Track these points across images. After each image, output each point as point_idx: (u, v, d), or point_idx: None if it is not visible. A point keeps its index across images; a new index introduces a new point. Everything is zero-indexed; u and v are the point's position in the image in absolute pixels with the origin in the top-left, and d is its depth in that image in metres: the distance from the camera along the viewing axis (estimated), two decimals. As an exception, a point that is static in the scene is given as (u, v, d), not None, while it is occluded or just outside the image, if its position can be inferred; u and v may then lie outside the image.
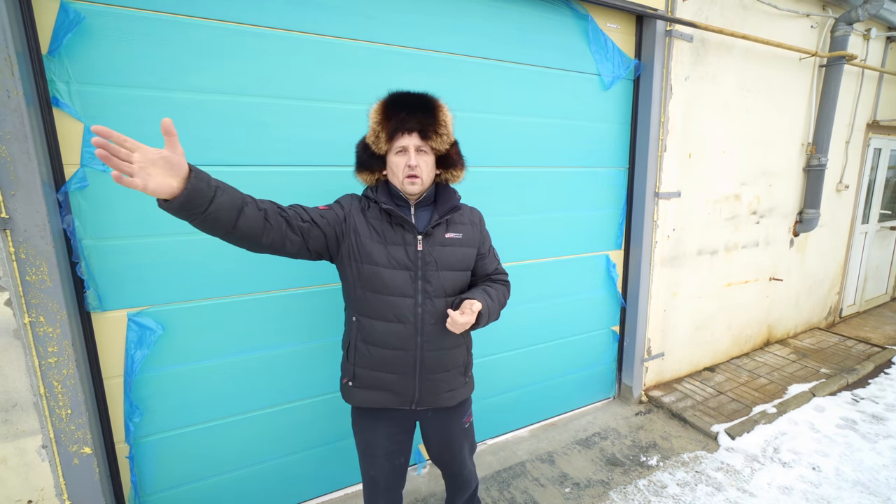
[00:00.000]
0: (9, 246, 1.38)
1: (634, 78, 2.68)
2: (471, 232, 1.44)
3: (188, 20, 1.59)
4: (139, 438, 1.75)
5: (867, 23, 3.73)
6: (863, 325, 4.47)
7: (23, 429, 1.48)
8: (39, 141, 1.42)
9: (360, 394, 1.41)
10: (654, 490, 2.22)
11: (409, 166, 1.29)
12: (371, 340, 1.35)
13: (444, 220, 1.38)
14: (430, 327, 1.35)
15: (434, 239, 1.36)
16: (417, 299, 1.33)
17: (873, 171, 4.46)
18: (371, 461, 1.47)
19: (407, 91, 1.34)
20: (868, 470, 2.34)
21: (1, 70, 1.31)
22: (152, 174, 0.93)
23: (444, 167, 1.41)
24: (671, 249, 2.98)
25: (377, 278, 1.31)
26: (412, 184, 1.31)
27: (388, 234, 1.33)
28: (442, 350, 1.39)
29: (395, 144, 1.31)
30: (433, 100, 1.34)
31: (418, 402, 1.41)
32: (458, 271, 1.40)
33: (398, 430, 1.47)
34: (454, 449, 1.56)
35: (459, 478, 1.66)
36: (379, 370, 1.37)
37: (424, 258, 1.33)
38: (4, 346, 1.42)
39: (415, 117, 1.29)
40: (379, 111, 1.31)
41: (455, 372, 1.45)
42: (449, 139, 1.36)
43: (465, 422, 1.56)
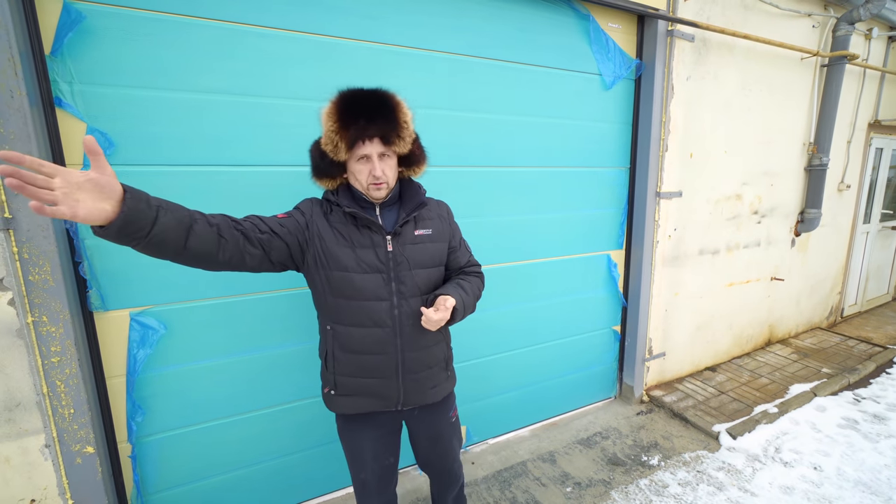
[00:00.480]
0: (12, 246, 1.39)
1: (636, 78, 2.68)
2: (440, 226, 1.40)
3: (191, 20, 1.59)
4: (141, 438, 1.75)
5: (869, 22, 3.72)
6: (864, 325, 4.46)
7: (26, 428, 1.49)
8: (42, 141, 1.42)
9: (343, 401, 1.38)
10: (655, 490, 2.22)
11: (374, 176, 1.24)
12: (349, 348, 1.31)
13: (411, 218, 1.34)
14: (409, 328, 1.32)
15: (403, 238, 1.32)
16: (393, 301, 1.30)
17: (875, 171, 4.45)
18: (360, 465, 1.45)
19: (360, 89, 1.23)
20: (870, 470, 2.34)
21: (4, 70, 1.31)
22: (80, 200, 0.82)
23: (407, 165, 1.36)
24: (672, 249, 2.98)
25: (348, 284, 1.27)
26: (377, 190, 1.27)
27: (354, 237, 1.28)
28: (422, 349, 1.37)
29: (355, 152, 1.24)
30: (390, 98, 1.24)
31: (404, 403, 1.39)
32: (431, 268, 1.37)
33: (385, 431, 1.45)
34: (443, 444, 1.54)
35: (449, 474, 1.61)
36: (360, 376, 1.33)
37: (396, 258, 1.30)
38: (8, 345, 1.43)
39: (375, 124, 1.21)
40: (333, 117, 1.21)
41: (437, 368, 1.43)
42: (411, 139, 1.30)
43: (451, 416, 1.55)
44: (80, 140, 1.50)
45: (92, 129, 1.51)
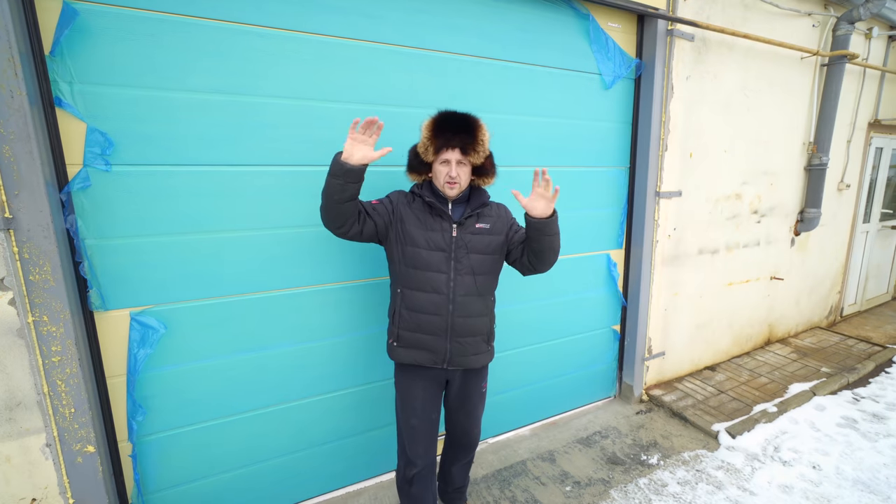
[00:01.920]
0: (12, 246, 1.39)
1: (636, 77, 2.68)
2: (497, 223, 1.71)
3: (190, 20, 1.59)
4: (142, 437, 1.75)
5: (869, 22, 3.72)
6: (864, 325, 4.47)
7: (27, 427, 1.49)
8: (42, 141, 1.42)
9: (402, 352, 1.69)
10: (654, 489, 2.23)
11: (449, 175, 1.58)
12: (412, 307, 1.64)
13: (475, 214, 1.66)
14: (461, 297, 1.64)
15: (466, 228, 1.65)
16: (450, 275, 1.62)
17: (875, 171, 4.45)
18: (411, 411, 1.72)
19: (454, 112, 1.60)
20: (868, 469, 2.35)
21: (4, 70, 1.31)
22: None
23: (478, 175, 1.69)
24: (672, 249, 2.98)
25: (417, 257, 1.61)
26: (451, 188, 1.61)
27: (428, 222, 1.63)
28: (469, 317, 1.66)
29: (440, 156, 1.59)
30: (475, 121, 1.60)
31: (449, 362, 1.67)
32: (485, 255, 1.67)
33: (432, 385, 1.73)
34: (469, 406, 1.81)
35: (468, 436, 1.87)
36: (418, 332, 1.65)
37: (457, 242, 1.63)
38: (8, 345, 1.43)
39: (458, 136, 1.56)
40: (429, 128, 1.59)
41: (479, 338, 1.71)
42: (485, 154, 1.63)
43: (482, 386, 1.83)
44: (80, 139, 1.51)
45: (92, 129, 1.51)
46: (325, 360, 2.05)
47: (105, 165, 1.54)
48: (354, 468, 2.23)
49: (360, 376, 2.15)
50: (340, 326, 2.05)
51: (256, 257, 1.84)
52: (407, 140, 1.95)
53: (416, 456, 1.73)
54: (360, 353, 2.12)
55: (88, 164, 1.52)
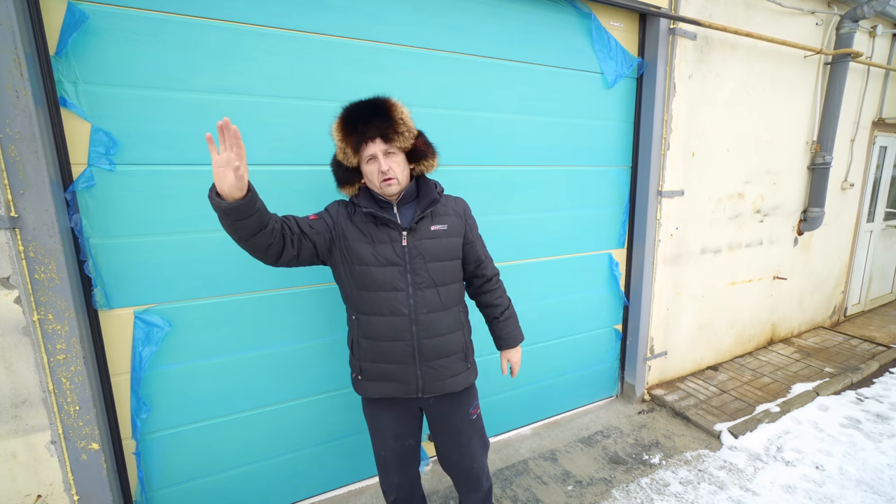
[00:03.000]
0: (18, 244, 1.40)
1: (638, 76, 2.67)
2: (456, 222, 1.50)
3: (193, 20, 1.60)
4: (146, 434, 1.77)
5: (873, 20, 3.70)
6: (868, 324, 4.45)
7: (32, 425, 1.51)
8: (48, 140, 1.43)
9: (368, 386, 1.49)
10: (656, 488, 2.23)
11: (381, 171, 1.35)
12: (370, 335, 1.43)
13: (427, 214, 1.43)
14: (424, 316, 1.42)
15: (419, 233, 1.42)
16: (409, 291, 1.40)
17: (879, 170, 4.43)
18: (381, 442, 1.56)
19: (358, 101, 1.38)
20: (872, 469, 2.34)
21: (10, 71, 1.32)
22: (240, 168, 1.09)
23: (416, 160, 1.44)
24: (674, 248, 2.98)
25: (368, 276, 1.39)
26: (388, 185, 1.37)
27: (374, 234, 1.40)
28: (437, 337, 1.45)
29: (363, 155, 1.36)
30: (384, 101, 1.37)
31: (423, 390, 1.47)
32: (446, 261, 1.46)
33: (405, 414, 1.54)
34: (462, 441, 1.57)
35: (468, 476, 1.61)
36: (381, 362, 1.45)
37: (411, 252, 1.40)
38: (14, 343, 1.44)
39: (372, 125, 1.33)
40: (339, 129, 1.38)
41: (455, 357, 1.50)
42: (412, 134, 1.39)
43: (471, 412, 1.58)
44: (85, 139, 1.52)
45: (96, 129, 1.52)
46: (327, 358, 2.05)
47: (109, 165, 1.55)
48: (356, 467, 2.23)
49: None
50: (341, 325, 2.06)
51: (259, 256, 1.85)
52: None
53: (391, 487, 1.59)
54: (362, 352, 2.13)
55: (93, 164, 1.53)
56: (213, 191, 1.12)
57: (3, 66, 1.31)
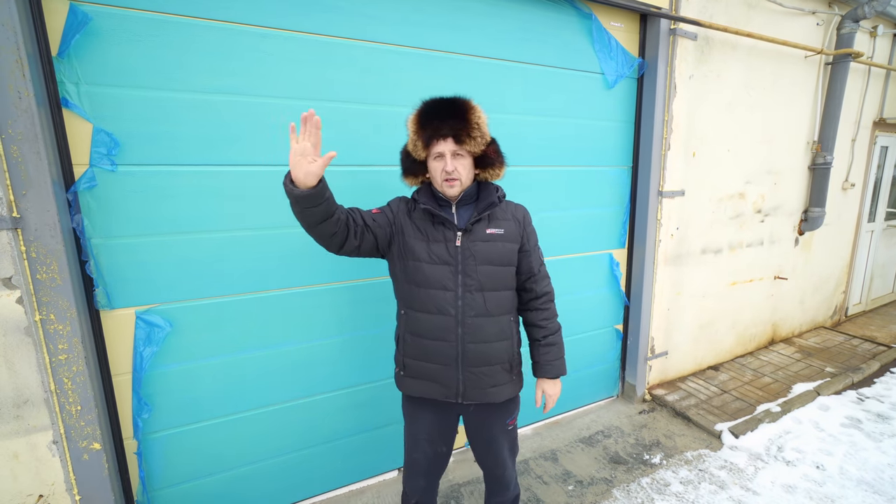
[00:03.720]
0: (20, 245, 1.41)
1: (638, 76, 2.67)
2: (513, 228, 1.47)
3: (194, 21, 1.61)
4: (147, 434, 1.77)
5: (874, 20, 3.70)
6: (869, 324, 4.44)
7: (34, 424, 1.51)
8: (50, 141, 1.44)
9: (409, 383, 1.50)
10: (657, 488, 2.23)
11: (445, 171, 1.36)
12: (416, 332, 1.44)
13: (484, 216, 1.43)
14: (471, 319, 1.40)
15: (474, 235, 1.41)
16: (458, 292, 1.39)
17: (880, 170, 4.43)
18: (414, 445, 1.56)
19: (439, 98, 1.39)
20: (873, 469, 2.34)
21: (12, 72, 1.33)
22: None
23: (483, 167, 1.44)
24: (675, 248, 2.98)
25: (419, 272, 1.40)
26: (450, 187, 1.39)
27: (430, 231, 1.41)
28: (483, 343, 1.42)
29: (432, 150, 1.37)
30: (464, 103, 1.37)
31: (463, 396, 1.45)
32: (499, 266, 1.43)
33: (443, 419, 1.53)
34: (495, 450, 1.57)
35: (500, 482, 1.64)
36: (424, 360, 1.45)
37: (463, 253, 1.40)
38: (16, 343, 1.45)
39: (447, 123, 1.34)
40: (414, 121, 1.39)
41: (499, 367, 1.46)
42: (484, 140, 1.39)
43: (508, 424, 1.56)
44: (86, 140, 1.52)
45: (98, 130, 1.52)
46: (327, 359, 2.06)
47: (111, 165, 1.56)
48: (357, 467, 2.24)
49: (362, 375, 2.16)
50: (343, 326, 2.06)
51: (260, 256, 1.85)
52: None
53: (415, 489, 1.59)
54: (361, 353, 2.13)
55: (94, 164, 1.54)
56: (287, 178, 1.18)
57: (5, 67, 1.32)
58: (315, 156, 1.16)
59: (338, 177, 1.89)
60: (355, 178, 1.95)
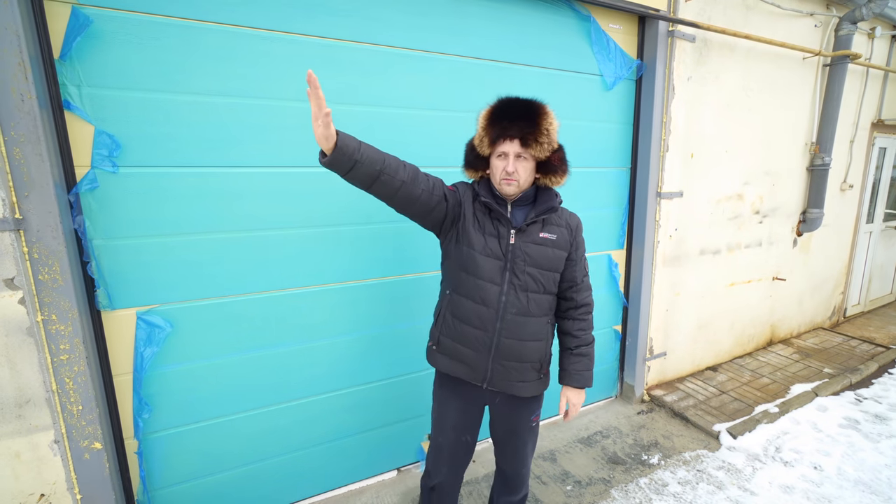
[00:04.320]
0: (22, 246, 1.42)
1: (637, 78, 2.69)
2: (565, 235, 1.49)
3: (195, 24, 1.62)
4: (148, 434, 1.78)
5: (872, 21, 3.71)
6: (867, 325, 4.45)
7: (36, 424, 1.52)
8: (52, 143, 1.45)
9: (440, 359, 1.54)
10: (655, 488, 2.24)
11: (506, 171, 1.38)
12: (458, 315, 1.47)
13: (539, 220, 1.45)
14: (511, 316, 1.43)
15: (527, 236, 1.44)
16: (503, 288, 1.42)
17: (878, 171, 4.44)
18: (440, 429, 1.61)
19: (515, 98, 1.40)
20: (870, 469, 2.35)
21: (15, 74, 1.34)
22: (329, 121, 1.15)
23: (545, 172, 1.44)
24: (673, 249, 2.99)
25: (472, 261, 1.43)
26: (508, 185, 1.40)
27: (486, 224, 1.44)
28: (519, 340, 1.45)
29: (497, 149, 1.39)
30: (538, 107, 1.38)
31: (490, 382, 1.48)
32: (546, 270, 1.46)
33: (470, 405, 1.57)
34: (516, 443, 1.61)
35: (514, 478, 1.66)
36: (459, 343, 1.48)
37: (515, 252, 1.42)
38: (18, 343, 1.46)
39: (516, 125, 1.35)
40: (486, 117, 1.41)
41: (528, 365, 1.49)
42: (551, 146, 1.39)
43: (532, 420, 1.60)
44: (88, 142, 1.53)
45: (100, 132, 1.54)
46: (327, 359, 2.07)
47: (112, 167, 1.57)
48: (356, 467, 2.25)
49: (361, 376, 2.17)
50: (343, 326, 2.07)
51: (260, 257, 1.86)
52: (410, 141, 1.98)
53: (437, 473, 1.64)
54: (361, 353, 2.14)
55: (96, 166, 1.55)
56: (321, 151, 1.23)
57: (8, 70, 1.33)
58: (323, 119, 1.13)
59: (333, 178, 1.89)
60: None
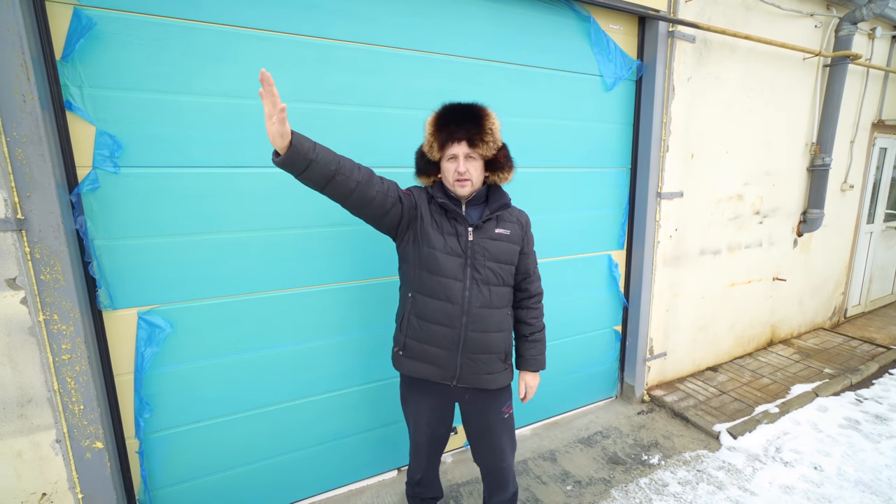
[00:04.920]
0: (24, 246, 1.42)
1: (637, 79, 2.69)
2: (517, 231, 1.58)
3: (195, 24, 1.62)
4: (149, 434, 1.79)
5: (872, 22, 3.71)
6: (868, 326, 4.45)
7: (37, 423, 1.53)
8: (53, 144, 1.46)
9: (407, 363, 1.57)
10: (655, 488, 2.24)
11: (458, 172, 1.44)
12: (423, 315, 1.51)
13: (493, 217, 1.53)
14: (476, 309, 1.50)
15: (484, 232, 1.51)
16: (466, 283, 1.49)
17: (879, 171, 4.44)
18: (416, 428, 1.68)
19: (457, 103, 1.48)
20: (870, 470, 2.35)
21: (17, 75, 1.35)
22: (283, 119, 1.14)
23: (493, 170, 1.53)
24: (673, 249, 2.99)
25: (434, 261, 1.48)
26: (462, 186, 1.47)
27: (444, 224, 1.50)
28: (484, 332, 1.52)
29: (446, 152, 1.46)
30: (480, 109, 1.47)
31: (459, 379, 1.54)
32: (504, 264, 1.54)
33: (440, 403, 1.63)
34: (491, 438, 1.65)
35: (496, 474, 1.70)
36: (426, 343, 1.52)
37: (474, 248, 1.50)
38: (20, 343, 1.47)
39: (462, 127, 1.43)
40: (432, 123, 1.48)
41: (495, 356, 1.55)
42: (496, 145, 1.48)
43: (504, 411, 1.64)
44: (90, 142, 1.54)
45: (101, 132, 1.54)
46: (327, 359, 2.07)
47: (114, 167, 1.58)
48: (357, 466, 2.25)
49: (361, 375, 2.17)
50: (343, 326, 2.08)
51: (260, 257, 1.87)
52: (408, 142, 1.98)
53: (419, 466, 1.76)
54: (362, 353, 2.15)
55: (98, 166, 1.56)
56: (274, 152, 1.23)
57: (10, 71, 1.34)
58: (279, 115, 1.12)
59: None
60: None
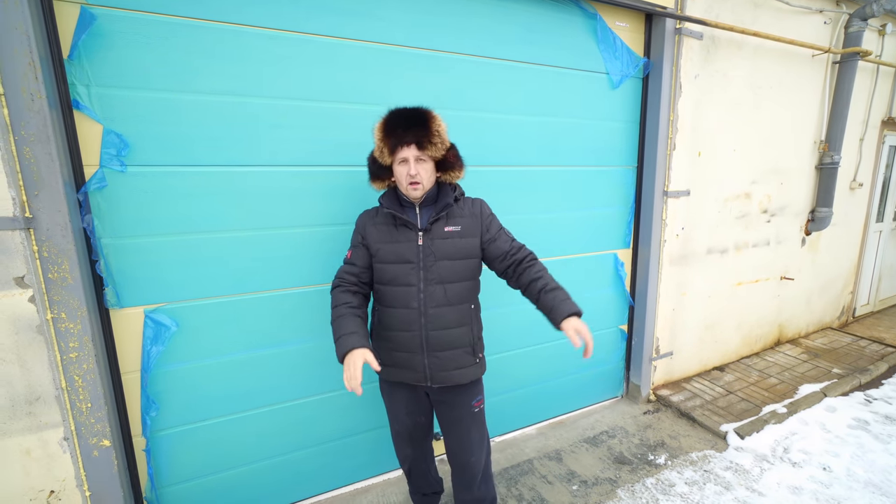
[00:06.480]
0: (32, 245, 1.43)
1: (643, 76, 2.67)
2: (470, 223, 1.58)
3: (202, 23, 1.62)
4: (155, 432, 1.79)
5: (882, 18, 3.66)
6: (877, 325, 4.40)
7: (45, 421, 1.54)
8: (61, 142, 1.46)
9: (383, 370, 1.63)
10: (661, 489, 2.23)
11: (409, 175, 1.47)
12: (386, 325, 1.59)
13: (442, 216, 1.54)
14: (433, 309, 1.54)
15: (434, 233, 1.53)
16: (420, 286, 1.53)
17: (888, 169, 4.38)
18: (395, 418, 1.74)
19: (403, 108, 1.49)
20: (880, 471, 2.32)
21: (25, 74, 1.35)
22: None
23: (444, 170, 1.56)
24: (680, 248, 2.97)
25: (385, 272, 1.55)
26: (414, 189, 1.49)
27: (393, 234, 1.54)
28: (444, 329, 1.56)
29: (397, 156, 1.48)
30: (426, 113, 1.48)
31: (431, 379, 1.59)
32: (458, 260, 1.56)
33: (416, 394, 1.68)
34: (460, 431, 1.68)
35: (466, 470, 1.72)
36: (395, 350, 1.59)
37: (424, 251, 1.52)
38: (28, 341, 1.47)
39: (410, 131, 1.45)
40: (380, 129, 1.49)
41: (461, 350, 1.59)
42: (444, 146, 1.51)
43: (474, 405, 1.68)
44: (97, 141, 1.54)
45: (108, 131, 1.55)
46: (332, 357, 2.07)
47: (121, 166, 1.58)
48: (362, 465, 2.25)
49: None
50: (349, 325, 2.08)
51: (266, 256, 1.87)
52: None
53: (405, 457, 1.81)
54: (368, 352, 2.14)
55: (105, 165, 1.56)
56: (338, 349, 1.41)
57: (18, 70, 1.34)
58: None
59: (339, 177, 1.92)
60: (355, 178, 1.95)
